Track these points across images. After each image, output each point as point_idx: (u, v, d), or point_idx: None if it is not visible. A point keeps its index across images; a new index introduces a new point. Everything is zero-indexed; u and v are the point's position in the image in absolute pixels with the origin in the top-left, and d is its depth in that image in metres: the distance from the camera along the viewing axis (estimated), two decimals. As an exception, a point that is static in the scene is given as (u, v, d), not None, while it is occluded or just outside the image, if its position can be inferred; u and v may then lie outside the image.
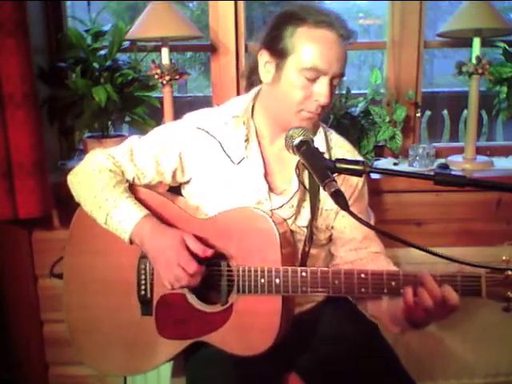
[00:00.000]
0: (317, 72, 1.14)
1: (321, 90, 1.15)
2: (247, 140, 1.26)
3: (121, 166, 1.27)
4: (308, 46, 1.13)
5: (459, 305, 1.02)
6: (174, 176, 1.30)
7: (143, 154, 1.28)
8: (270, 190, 1.26)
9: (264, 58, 1.21)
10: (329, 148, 1.31)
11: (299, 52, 1.14)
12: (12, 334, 1.96)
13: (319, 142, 1.27)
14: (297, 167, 1.25)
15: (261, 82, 1.26)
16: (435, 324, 1.92)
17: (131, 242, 1.20)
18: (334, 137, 1.35)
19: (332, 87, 1.17)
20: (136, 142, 1.31)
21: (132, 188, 1.28)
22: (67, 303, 1.31)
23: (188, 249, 1.15)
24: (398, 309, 1.10)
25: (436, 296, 1.02)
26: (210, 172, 1.27)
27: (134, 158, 1.28)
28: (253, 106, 1.30)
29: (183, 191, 1.35)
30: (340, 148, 1.33)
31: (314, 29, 1.14)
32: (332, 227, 1.32)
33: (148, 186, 1.31)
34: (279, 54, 1.17)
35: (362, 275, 1.11)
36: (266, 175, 1.26)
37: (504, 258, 1.06)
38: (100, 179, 1.23)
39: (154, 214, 1.23)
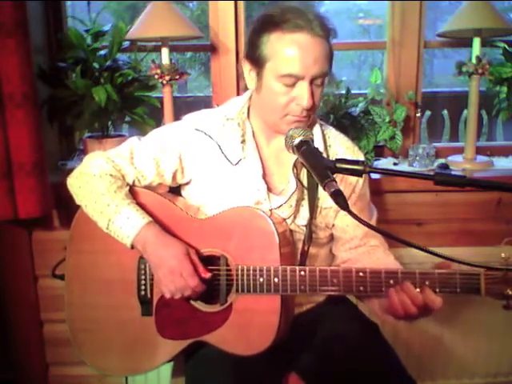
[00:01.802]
0: (294, 78, 1.14)
1: (301, 94, 1.15)
2: (243, 141, 1.26)
3: (121, 170, 1.27)
4: (281, 53, 1.13)
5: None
6: (174, 177, 1.30)
7: (143, 156, 1.29)
8: (269, 190, 1.26)
9: (247, 67, 1.22)
10: (326, 146, 1.31)
11: (274, 59, 1.14)
12: (12, 334, 1.96)
13: (316, 139, 1.26)
14: (294, 166, 1.25)
15: None
16: (435, 323, 1.93)
17: (132, 247, 1.20)
18: (333, 134, 1.34)
19: (313, 89, 1.16)
20: (136, 143, 1.31)
21: (132, 190, 1.28)
22: (68, 302, 1.31)
23: (192, 262, 1.16)
24: (387, 303, 1.11)
25: (418, 304, 1.05)
26: (210, 173, 1.27)
27: (134, 161, 1.28)
28: (249, 107, 1.30)
29: (183, 192, 1.36)
30: (339, 145, 1.33)
31: (287, 34, 1.12)
32: (333, 225, 1.32)
33: (148, 187, 1.31)
34: (257, 62, 1.17)
35: (361, 273, 1.12)
36: (264, 175, 1.26)
37: (503, 255, 1.06)
38: (101, 184, 1.23)
39: (154, 214, 1.23)
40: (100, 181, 1.24)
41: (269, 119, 1.24)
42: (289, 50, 1.12)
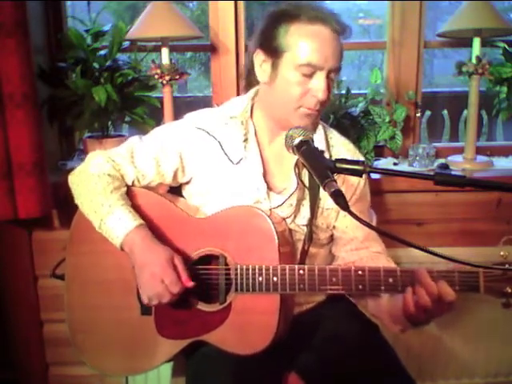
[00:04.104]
0: (313, 68, 1.15)
1: (318, 86, 1.16)
2: (246, 140, 1.26)
3: (121, 170, 1.27)
4: (303, 43, 1.14)
5: (456, 301, 1.03)
6: (174, 176, 1.30)
7: (144, 155, 1.29)
8: (270, 189, 1.26)
9: (260, 58, 1.22)
10: (329, 146, 1.31)
11: (294, 49, 1.15)
12: (12, 334, 1.96)
13: (319, 140, 1.27)
14: (296, 166, 1.25)
15: (258, 82, 1.26)
16: (435, 323, 1.93)
17: (122, 248, 1.20)
18: (335, 135, 1.35)
19: (329, 82, 1.17)
20: (136, 143, 1.31)
21: (130, 190, 1.28)
22: (68, 303, 1.31)
23: (175, 268, 1.14)
24: (398, 307, 1.10)
25: (432, 292, 1.02)
26: (210, 172, 1.27)
27: (134, 160, 1.28)
28: (252, 106, 1.30)
29: (184, 191, 1.35)
30: (341, 146, 1.33)
31: (307, 25, 1.14)
32: (334, 227, 1.32)
33: (148, 187, 1.31)
34: (274, 52, 1.17)
35: (360, 272, 1.11)
36: (265, 175, 1.26)
37: (502, 253, 1.06)
38: (98, 183, 1.23)
39: (153, 214, 1.24)
40: (98, 180, 1.24)
41: (280, 113, 1.23)
42: (309, 40, 1.14)
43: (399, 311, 1.10)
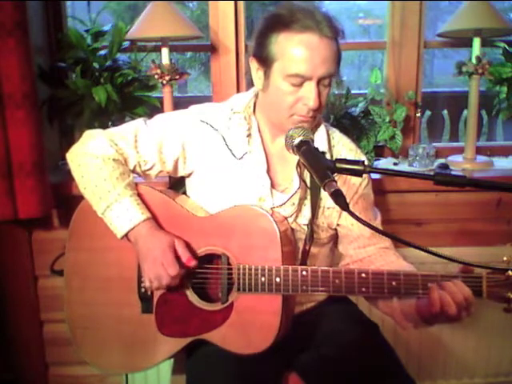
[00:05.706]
0: (301, 78, 1.14)
1: (308, 95, 1.15)
2: (249, 135, 1.26)
3: (123, 154, 1.27)
4: (290, 53, 1.13)
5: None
6: (175, 166, 1.30)
7: (147, 140, 1.28)
8: (272, 186, 1.26)
9: (254, 65, 1.22)
10: (330, 146, 1.31)
11: (282, 59, 1.14)
12: (12, 334, 1.96)
13: (320, 140, 1.27)
14: (298, 165, 1.25)
15: None
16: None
17: (123, 237, 1.21)
18: (337, 135, 1.35)
19: (321, 89, 1.17)
20: (141, 127, 1.30)
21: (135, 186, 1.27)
22: (68, 300, 1.31)
23: (175, 252, 1.17)
24: (410, 305, 1.10)
25: (458, 301, 1.03)
26: (213, 166, 1.27)
27: (138, 145, 1.28)
28: (255, 103, 1.30)
29: (187, 186, 1.35)
30: (343, 146, 1.33)
31: (296, 34, 1.13)
32: (338, 225, 1.32)
33: (150, 183, 1.30)
34: (265, 61, 1.18)
35: (363, 275, 1.12)
36: (268, 171, 1.26)
37: (505, 258, 1.06)
38: (103, 169, 1.22)
39: (155, 212, 1.24)
40: (103, 165, 1.23)
41: (275, 119, 1.24)
42: (297, 50, 1.13)
43: (411, 309, 1.10)
